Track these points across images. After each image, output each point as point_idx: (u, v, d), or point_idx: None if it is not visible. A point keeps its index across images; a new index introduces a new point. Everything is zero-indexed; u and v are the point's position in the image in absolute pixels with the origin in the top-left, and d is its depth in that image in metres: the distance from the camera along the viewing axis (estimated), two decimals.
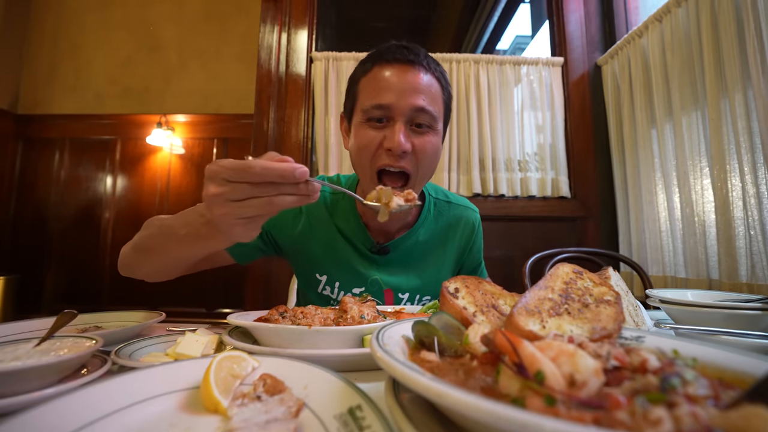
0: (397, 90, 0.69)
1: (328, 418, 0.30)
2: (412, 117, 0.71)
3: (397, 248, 0.85)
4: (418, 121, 0.71)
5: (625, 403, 0.22)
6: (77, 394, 0.31)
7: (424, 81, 0.71)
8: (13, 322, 0.63)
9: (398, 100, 0.69)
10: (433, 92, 0.72)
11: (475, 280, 0.47)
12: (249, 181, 0.44)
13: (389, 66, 0.72)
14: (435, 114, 0.72)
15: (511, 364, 0.26)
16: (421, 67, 0.72)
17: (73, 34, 3.26)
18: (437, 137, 0.75)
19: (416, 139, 0.71)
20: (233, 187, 0.44)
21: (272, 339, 0.50)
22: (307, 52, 2.14)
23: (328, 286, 0.85)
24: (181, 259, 0.65)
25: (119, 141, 3.13)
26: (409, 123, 0.71)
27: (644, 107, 1.77)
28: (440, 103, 0.74)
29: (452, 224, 0.90)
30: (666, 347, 0.32)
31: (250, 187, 0.44)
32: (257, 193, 0.45)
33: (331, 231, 0.85)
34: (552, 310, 0.37)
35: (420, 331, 0.36)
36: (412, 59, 0.71)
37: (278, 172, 0.44)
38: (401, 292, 0.86)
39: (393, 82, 0.70)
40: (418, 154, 0.72)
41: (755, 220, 1.23)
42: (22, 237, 3.06)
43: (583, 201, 2.05)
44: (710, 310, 0.57)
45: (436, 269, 0.89)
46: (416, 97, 0.69)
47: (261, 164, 0.43)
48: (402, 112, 0.69)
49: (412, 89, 0.70)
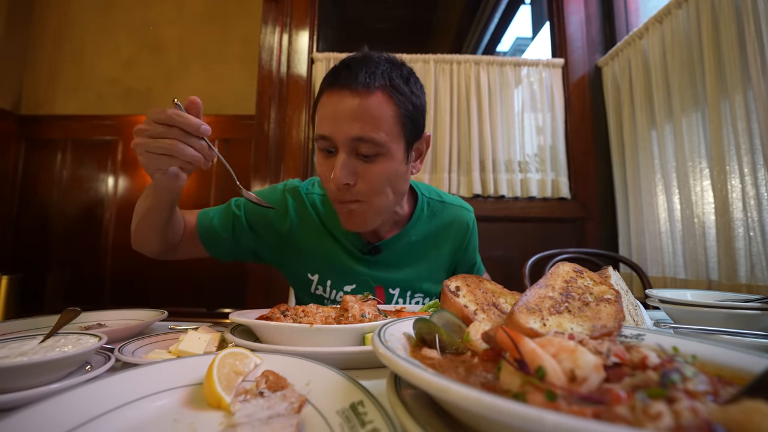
0: (334, 120, 0.65)
1: (331, 413, 0.30)
2: (354, 147, 0.65)
3: (388, 248, 0.84)
4: (361, 152, 0.66)
5: (626, 398, 0.22)
6: (82, 389, 0.31)
7: (360, 105, 0.64)
8: (17, 319, 0.63)
9: (336, 132, 0.65)
10: (374, 115, 0.64)
11: (475, 278, 0.47)
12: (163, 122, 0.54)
13: (331, 91, 0.67)
14: (379, 140, 0.64)
15: (512, 360, 0.26)
16: (357, 90, 0.64)
17: (76, 35, 3.27)
18: (390, 162, 0.67)
19: (361, 168, 0.67)
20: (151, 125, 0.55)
21: (274, 337, 0.51)
22: (308, 53, 2.15)
23: (320, 285, 0.85)
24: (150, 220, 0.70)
25: (121, 141, 3.14)
26: (353, 153, 0.66)
27: (644, 108, 1.77)
28: (389, 123, 0.66)
29: (446, 224, 0.89)
30: (666, 344, 0.32)
31: (163, 128, 0.55)
32: (168, 134, 0.55)
33: (320, 231, 0.84)
34: (553, 308, 0.37)
35: (421, 328, 0.37)
36: (349, 81, 0.64)
37: (185, 120, 0.55)
38: (392, 288, 0.85)
39: (331, 111, 0.66)
40: (366, 183, 0.67)
41: (755, 221, 1.23)
42: (24, 237, 3.07)
43: (583, 202, 2.05)
44: (709, 310, 0.57)
45: (428, 269, 0.88)
46: (351, 126, 0.64)
47: (175, 111, 0.55)
48: (342, 144, 0.65)
49: (348, 117, 0.64)
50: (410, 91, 0.69)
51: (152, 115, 0.56)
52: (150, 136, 0.55)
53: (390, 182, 0.69)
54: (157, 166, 0.58)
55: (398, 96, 0.67)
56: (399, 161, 0.69)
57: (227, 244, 0.84)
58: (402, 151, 0.69)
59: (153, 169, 0.59)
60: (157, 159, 0.57)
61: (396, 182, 0.71)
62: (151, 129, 0.55)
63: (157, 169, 0.59)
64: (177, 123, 0.55)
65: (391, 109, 0.66)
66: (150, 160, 0.57)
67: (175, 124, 0.55)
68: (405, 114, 0.68)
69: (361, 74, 0.65)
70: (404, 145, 0.69)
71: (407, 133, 0.69)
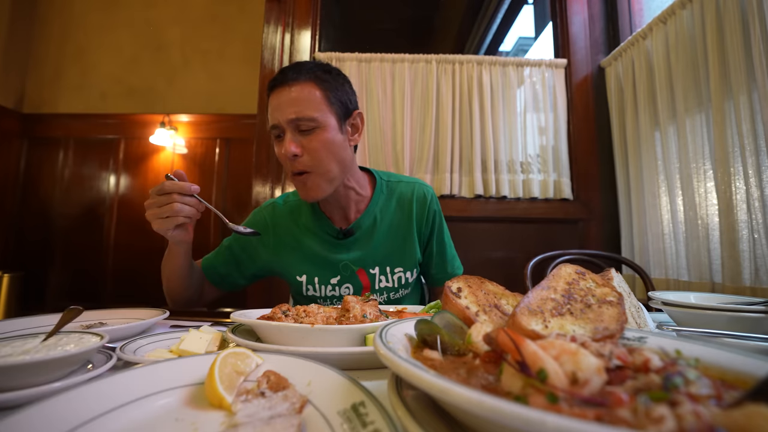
0: (277, 110, 0.83)
1: (332, 414, 0.30)
2: (295, 125, 0.82)
3: (360, 227, 0.95)
4: (301, 128, 0.82)
5: (628, 401, 0.22)
6: (84, 388, 0.31)
7: (292, 95, 0.82)
8: (20, 318, 0.63)
9: (279, 118, 0.83)
10: (304, 98, 0.82)
11: (477, 280, 0.47)
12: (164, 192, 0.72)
13: (272, 92, 0.85)
14: (314, 116, 0.82)
15: (514, 362, 0.26)
16: (288, 84, 0.83)
17: (78, 34, 3.28)
18: (326, 133, 0.84)
19: (304, 141, 0.83)
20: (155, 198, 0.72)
21: (275, 337, 0.51)
22: (310, 53, 2.15)
23: (309, 285, 0.95)
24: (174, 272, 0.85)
25: (123, 140, 3.15)
26: (296, 130, 0.83)
27: (648, 109, 1.76)
28: (318, 103, 0.83)
29: (406, 198, 0.99)
30: (668, 347, 0.32)
31: (164, 197, 0.72)
32: (168, 200, 0.71)
33: (297, 232, 0.97)
34: (554, 310, 0.37)
35: (423, 329, 0.37)
36: (282, 80, 0.84)
37: (179, 187, 0.72)
38: (371, 268, 0.95)
39: (274, 105, 0.84)
40: (310, 153, 0.83)
41: (759, 223, 1.23)
42: (26, 235, 3.08)
43: (586, 203, 2.05)
44: (713, 313, 0.57)
45: (400, 242, 0.98)
46: (289, 111, 0.81)
47: (169, 182, 0.72)
48: (286, 125, 0.83)
49: (286, 105, 0.82)
50: (333, 78, 0.87)
51: (154, 191, 0.73)
52: (157, 205, 0.72)
53: (330, 150, 0.84)
54: (167, 227, 0.73)
55: (322, 83, 0.84)
56: (334, 131, 0.85)
57: (232, 277, 1.00)
58: (335, 124, 0.85)
59: (165, 229, 0.74)
60: (166, 221, 0.72)
61: (336, 150, 0.85)
62: (156, 200, 0.72)
63: (167, 229, 0.74)
64: (173, 190, 0.72)
65: (318, 93, 0.83)
66: (162, 224, 0.73)
67: (172, 191, 0.72)
68: (332, 96, 0.85)
69: (290, 73, 0.84)
70: (336, 120, 0.86)
71: (336, 110, 0.86)
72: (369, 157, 2.06)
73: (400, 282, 0.97)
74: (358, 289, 0.95)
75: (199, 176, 3.08)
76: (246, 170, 3.00)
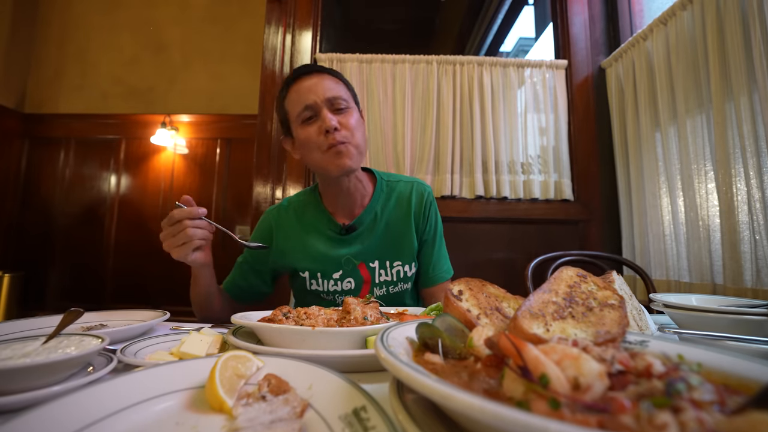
0: (312, 91, 0.91)
1: (333, 418, 0.30)
2: (331, 104, 0.91)
3: (362, 223, 1.00)
4: (336, 106, 0.92)
5: (630, 407, 0.22)
6: (85, 391, 0.31)
7: (324, 80, 0.93)
8: (20, 320, 0.63)
9: (316, 97, 0.90)
10: (334, 85, 0.94)
11: (478, 282, 0.47)
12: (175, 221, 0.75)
13: (299, 80, 0.94)
14: (346, 97, 0.94)
15: (516, 367, 0.26)
16: (323, 73, 0.94)
17: (79, 34, 3.28)
18: (355, 113, 0.96)
19: (340, 117, 0.92)
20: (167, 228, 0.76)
21: (276, 339, 0.51)
22: (311, 54, 2.15)
23: (312, 280, 0.99)
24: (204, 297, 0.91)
25: (124, 140, 3.15)
26: (331, 108, 0.91)
27: (648, 110, 1.76)
28: (347, 91, 0.96)
29: (405, 195, 1.05)
30: (671, 352, 0.32)
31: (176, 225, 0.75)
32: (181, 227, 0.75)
33: (301, 230, 1.02)
34: (556, 314, 0.37)
35: (424, 333, 0.36)
36: (311, 70, 0.95)
37: (187, 212, 0.76)
38: (371, 262, 1.00)
39: (307, 87, 0.92)
40: (347, 126, 0.92)
41: (760, 224, 1.23)
42: (26, 235, 3.08)
43: (587, 204, 2.04)
44: (715, 315, 0.56)
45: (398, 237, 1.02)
46: (324, 91, 0.91)
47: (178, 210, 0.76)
48: (323, 104, 0.90)
49: (319, 88, 0.91)
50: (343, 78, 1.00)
51: (165, 223, 0.77)
52: (171, 235, 0.76)
53: (359, 128, 0.95)
54: (186, 252, 0.77)
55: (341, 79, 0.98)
56: (359, 115, 0.98)
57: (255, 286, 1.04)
58: (356, 109, 0.98)
59: (184, 255, 0.77)
60: (183, 248, 0.76)
61: (361, 129, 0.96)
62: (169, 231, 0.76)
63: (186, 254, 0.77)
64: (183, 216, 0.76)
65: (344, 85, 0.97)
66: (180, 251, 0.76)
67: (182, 218, 0.75)
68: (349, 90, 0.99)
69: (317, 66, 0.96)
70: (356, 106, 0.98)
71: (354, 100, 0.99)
72: (370, 157, 2.06)
73: (399, 276, 1.01)
74: (360, 284, 0.99)
75: (199, 176, 3.08)
76: (247, 170, 3.00)
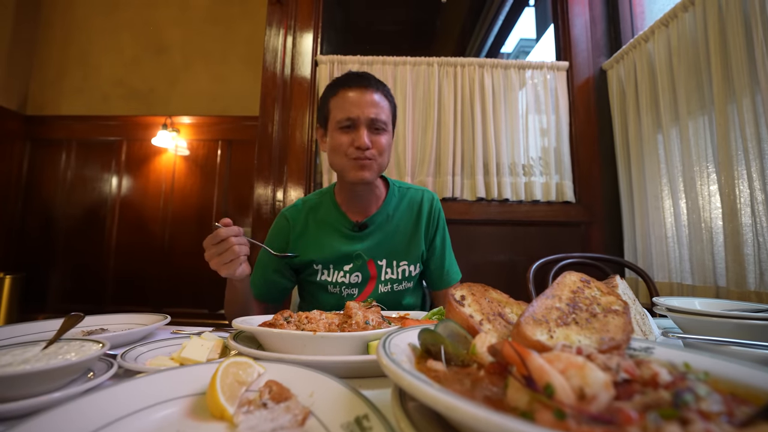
0: (358, 105, 0.96)
1: (335, 427, 0.30)
2: (371, 124, 0.97)
3: (374, 222, 1.07)
4: (375, 127, 0.98)
5: (637, 419, 0.21)
6: (84, 399, 0.31)
7: (376, 98, 0.98)
8: (20, 324, 0.63)
9: (360, 113, 0.96)
10: (382, 106, 0.99)
11: (481, 288, 0.46)
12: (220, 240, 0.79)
13: (351, 89, 0.98)
14: (385, 120, 0.99)
15: (520, 377, 0.26)
16: (373, 89, 0.99)
17: (81, 37, 3.29)
18: (389, 135, 1.03)
19: (374, 138, 0.98)
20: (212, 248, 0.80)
21: (277, 344, 0.50)
22: (312, 55, 2.15)
23: (325, 270, 1.06)
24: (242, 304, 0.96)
25: (125, 142, 3.15)
26: (370, 128, 0.97)
27: (650, 112, 1.76)
28: (388, 113, 1.02)
29: (415, 201, 1.13)
30: (677, 360, 0.32)
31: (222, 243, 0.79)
32: (226, 245, 0.79)
33: (316, 226, 1.08)
34: (559, 320, 0.37)
35: (426, 339, 0.36)
36: (366, 84, 0.99)
37: (233, 231, 0.80)
38: (379, 260, 1.06)
39: (355, 101, 0.97)
40: (378, 147, 0.99)
41: (763, 227, 1.22)
42: (27, 236, 3.08)
43: (588, 206, 2.04)
44: (719, 320, 0.56)
45: (406, 238, 1.09)
46: (370, 111, 0.96)
47: (222, 229, 0.80)
48: (363, 122, 0.96)
49: (367, 105, 0.96)
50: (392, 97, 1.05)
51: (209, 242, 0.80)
52: (217, 253, 0.80)
53: (387, 150, 1.02)
54: (234, 268, 0.82)
55: (390, 97, 1.04)
56: (391, 136, 1.04)
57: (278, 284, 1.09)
58: (391, 130, 1.05)
59: (231, 272, 0.82)
60: (230, 265, 0.81)
61: (389, 150, 1.03)
62: (216, 249, 0.80)
63: (234, 271, 0.82)
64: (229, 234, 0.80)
65: (387, 104, 1.02)
66: (228, 268, 0.81)
67: (228, 236, 0.80)
68: (392, 109, 1.05)
69: (372, 80, 1.01)
70: (392, 128, 1.05)
71: (393, 120, 1.05)
72: None
73: (404, 275, 1.07)
74: (366, 279, 1.05)
75: (200, 178, 3.09)
76: (248, 172, 3.00)
